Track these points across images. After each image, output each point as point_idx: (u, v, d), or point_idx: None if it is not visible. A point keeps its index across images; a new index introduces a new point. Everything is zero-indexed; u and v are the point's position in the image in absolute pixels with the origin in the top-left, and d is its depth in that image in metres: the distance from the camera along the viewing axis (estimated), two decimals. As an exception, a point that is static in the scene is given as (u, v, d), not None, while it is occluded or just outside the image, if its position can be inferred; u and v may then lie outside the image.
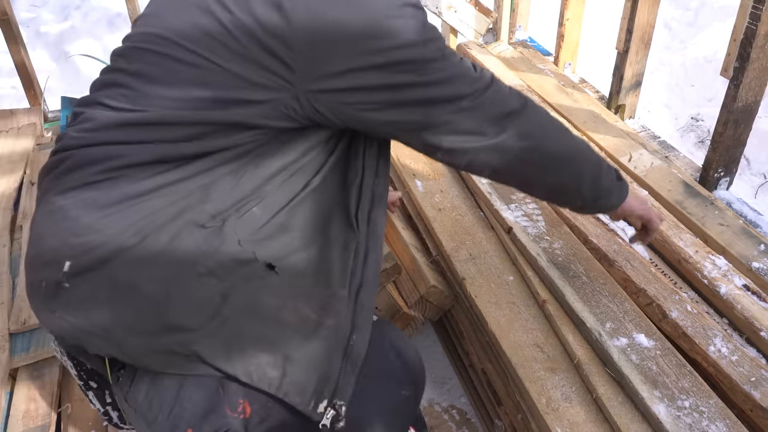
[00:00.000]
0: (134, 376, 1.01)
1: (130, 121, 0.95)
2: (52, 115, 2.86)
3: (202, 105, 0.93)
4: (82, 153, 0.97)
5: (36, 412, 1.47)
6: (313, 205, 1.02)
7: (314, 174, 1.02)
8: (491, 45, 2.87)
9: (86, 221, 0.93)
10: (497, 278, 1.60)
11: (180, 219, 0.93)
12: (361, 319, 1.06)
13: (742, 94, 1.89)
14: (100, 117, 0.97)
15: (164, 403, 0.99)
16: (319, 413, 1.01)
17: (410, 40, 0.93)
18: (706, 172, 2.09)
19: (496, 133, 1.02)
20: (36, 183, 1.10)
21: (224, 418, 0.99)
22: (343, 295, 1.05)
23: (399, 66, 0.93)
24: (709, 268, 1.55)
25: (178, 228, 0.93)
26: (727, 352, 1.34)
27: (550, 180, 1.14)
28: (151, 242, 0.92)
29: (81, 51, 3.86)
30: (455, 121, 0.99)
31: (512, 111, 1.03)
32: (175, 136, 0.93)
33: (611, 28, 2.71)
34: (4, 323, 1.63)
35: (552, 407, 1.28)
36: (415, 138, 1.02)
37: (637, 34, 2.32)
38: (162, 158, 0.94)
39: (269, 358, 0.98)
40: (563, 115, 2.23)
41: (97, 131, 0.97)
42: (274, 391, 0.99)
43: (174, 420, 0.99)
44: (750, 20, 1.77)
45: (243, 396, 1.00)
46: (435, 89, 0.96)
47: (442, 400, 1.79)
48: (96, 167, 0.95)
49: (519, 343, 1.42)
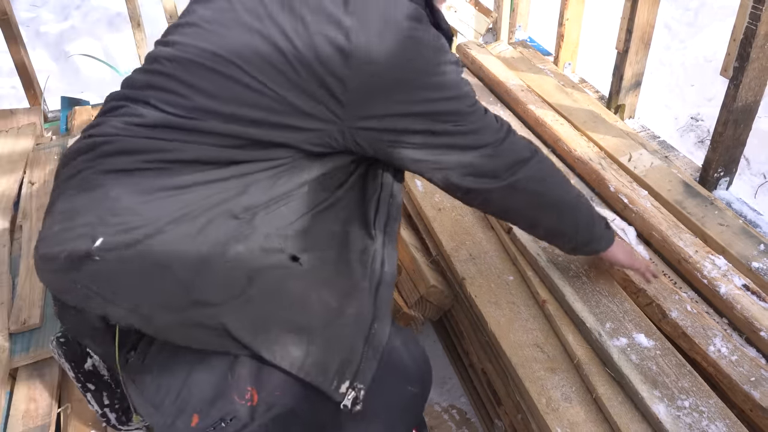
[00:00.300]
0: (145, 359, 1.03)
1: (179, 125, 1.01)
2: (52, 115, 2.86)
3: (251, 124, 1.01)
4: (127, 141, 1.02)
5: (36, 412, 1.47)
6: (334, 214, 1.12)
7: (338, 187, 1.13)
8: (491, 45, 2.87)
9: (126, 203, 0.98)
10: (497, 278, 1.60)
11: (215, 209, 1.00)
12: (381, 311, 1.11)
13: (741, 94, 1.89)
14: (149, 115, 1.03)
15: (172, 387, 1.02)
16: (341, 393, 1.04)
17: (451, 94, 1.08)
18: (706, 172, 2.09)
19: (508, 177, 1.16)
20: (60, 161, 1.12)
21: (231, 405, 1.01)
22: (365, 286, 1.11)
23: (439, 116, 1.07)
24: (709, 268, 1.55)
25: (212, 216, 1.00)
26: (727, 352, 1.34)
27: (551, 222, 1.29)
28: (186, 228, 0.98)
29: (81, 51, 3.86)
30: (477, 165, 1.13)
31: (524, 159, 1.18)
32: (219, 143, 1.01)
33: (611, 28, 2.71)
34: (4, 323, 1.63)
35: (552, 407, 1.28)
36: (439, 176, 1.15)
37: (637, 34, 2.32)
38: (204, 159, 1.01)
39: (293, 338, 1.02)
40: (563, 115, 2.23)
41: (145, 126, 1.03)
42: (295, 371, 1.01)
43: (181, 404, 1.01)
44: (750, 20, 1.77)
45: (252, 383, 1.02)
46: (466, 138, 1.11)
47: (442, 400, 1.79)
48: (141, 156, 1.01)
49: (519, 343, 1.43)
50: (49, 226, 1.03)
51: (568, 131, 2.13)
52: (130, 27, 2.78)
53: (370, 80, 1.00)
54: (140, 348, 1.04)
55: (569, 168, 2.05)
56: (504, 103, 2.43)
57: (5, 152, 2.33)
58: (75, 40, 4.08)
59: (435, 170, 1.14)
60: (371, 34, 1.00)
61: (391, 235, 1.18)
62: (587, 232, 1.34)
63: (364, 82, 1.00)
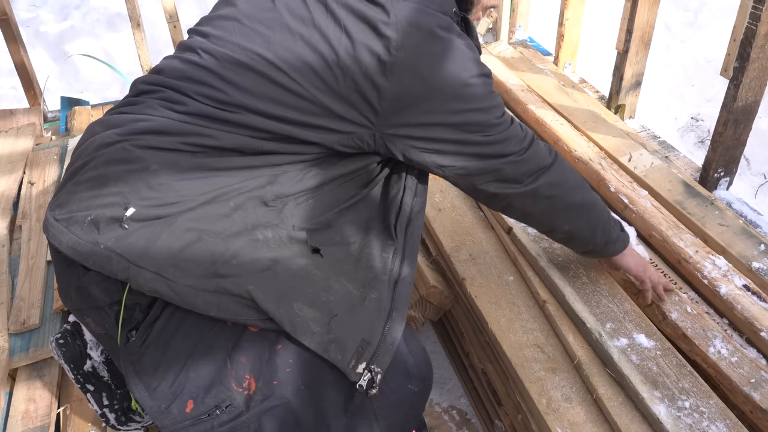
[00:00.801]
0: (146, 339, 1.03)
1: (220, 117, 1.05)
2: (51, 115, 2.86)
3: (288, 122, 1.05)
4: (166, 122, 1.06)
5: (35, 412, 1.47)
6: (357, 211, 1.16)
7: (364, 186, 1.17)
8: (491, 45, 2.87)
9: (164, 179, 1.02)
10: (497, 278, 1.60)
11: (247, 194, 1.05)
12: (399, 304, 1.14)
13: (742, 94, 1.88)
14: (192, 105, 1.07)
15: (170, 370, 1.03)
16: (358, 373, 1.06)
17: (482, 106, 1.12)
18: (706, 172, 2.09)
19: (531, 182, 1.21)
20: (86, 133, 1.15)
21: (228, 392, 1.02)
22: (384, 279, 1.14)
23: (469, 126, 1.12)
24: (709, 268, 1.55)
25: (244, 200, 1.05)
26: (727, 354, 1.33)
27: (570, 224, 1.33)
28: (218, 207, 1.03)
29: (81, 51, 3.86)
30: (502, 171, 1.18)
31: (545, 166, 1.23)
32: (256, 136, 1.05)
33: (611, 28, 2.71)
34: (3, 323, 1.63)
35: (552, 408, 1.28)
36: (465, 181, 1.20)
37: (637, 34, 2.32)
38: (241, 147, 1.05)
39: (315, 314, 1.05)
40: (563, 115, 2.23)
41: (183, 113, 1.07)
42: (314, 347, 1.04)
43: (177, 388, 1.02)
44: (750, 20, 1.77)
45: (250, 370, 1.02)
46: (493, 147, 1.16)
47: (442, 401, 1.79)
48: (180, 138, 1.05)
49: (519, 343, 1.42)
50: (73, 190, 1.05)
51: (568, 131, 2.13)
52: (130, 27, 2.78)
53: (406, 92, 1.05)
54: (142, 328, 1.04)
55: (569, 168, 2.05)
56: (504, 103, 2.42)
57: (5, 152, 2.33)
58: (75, 40, 4.09)
59: (460, 176, 1.18)
60: (410, 47, 1.04)
61: (412, 234, 1.21)
62: (604, 234, 1.37)
63: (399, 93, 1.05)
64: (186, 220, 1.00)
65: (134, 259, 0.98)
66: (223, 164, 1.05)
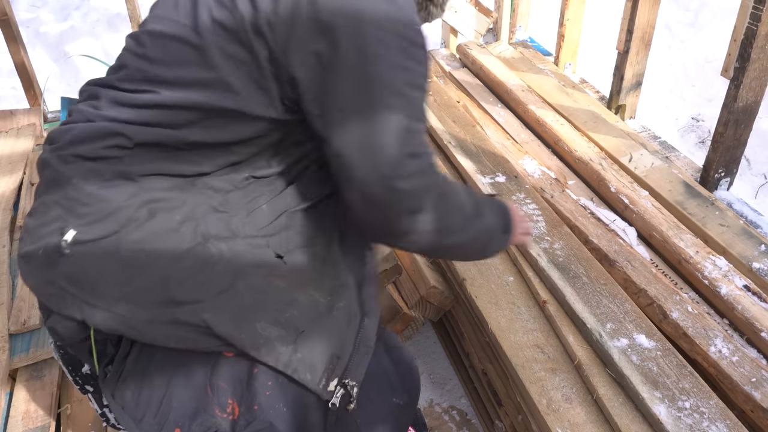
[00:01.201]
0: (121, 373, 1.00)
1: (135, 102, 0.97)
2: (51, 115, 2.86)
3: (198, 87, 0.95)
4: (85, 127, 0.98)
5: (35, 412, 1.47)
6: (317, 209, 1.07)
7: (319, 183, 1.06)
8: (491, 45, 2.87)
9: (91, 189, 0.95)
10: (497, 279, 1.60)
11: (193, 200, 0.96)
12: (368, 307, 1.09)
13: (742, 94, 1.88)
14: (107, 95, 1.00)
15: (152, 400, 0.99)
16: (329, 391, 1.02)
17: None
18: (707, 173, 2.09)
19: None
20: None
21: (213, 418, 0.99)
22: (351, 283, 1.08)
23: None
24: (710, 268, 1.55)
25: (191, 208, 0.96)
26: (728, 353, 1.33)
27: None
28: (163, 220, 0.94)
29: (81, 51, 3.86)
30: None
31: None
32: (173, 122, 0.96)
33: (611, 29, 2.72)
34: (3, 324, 1.62)
35: (553, 408, 1.28)
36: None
37: (638, 35, 2.32)
38: (161, 142, 0.96)
39: (280, 332, 0.99)
40: (564, 116, 2.23)
41: (102, 109, 0.99)
42: (282, 368, 0.99)
43: (161, 418, 0.99)
44: (750, 20, 1.77)
45: (231, 395, 0.99)
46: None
47: (443, 401, 1.79)
48: (101, 142, 0.96)
49: (519, 343, 1.42)
50: (27, 223, 1.01)
51: (568, 131, 2.13)
52: (130, 27, 2.78)
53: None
54: (116, 363, 1.01)
55: (570, 168, 2.05)
56: (504, 103, 2.43)
57: (5, 153, 2.33)
58: (75, 40, 4.08)
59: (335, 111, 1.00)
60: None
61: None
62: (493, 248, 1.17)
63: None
64: (131, 243, 0.92)
65: (86, 297, 0.93)
66: (152, 168, 0.96)
